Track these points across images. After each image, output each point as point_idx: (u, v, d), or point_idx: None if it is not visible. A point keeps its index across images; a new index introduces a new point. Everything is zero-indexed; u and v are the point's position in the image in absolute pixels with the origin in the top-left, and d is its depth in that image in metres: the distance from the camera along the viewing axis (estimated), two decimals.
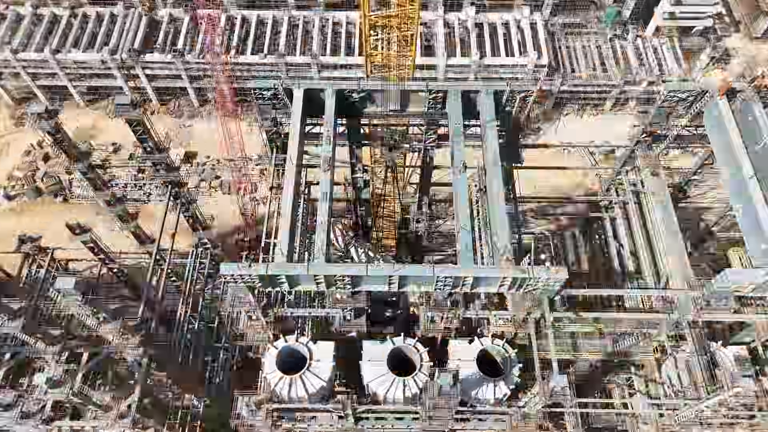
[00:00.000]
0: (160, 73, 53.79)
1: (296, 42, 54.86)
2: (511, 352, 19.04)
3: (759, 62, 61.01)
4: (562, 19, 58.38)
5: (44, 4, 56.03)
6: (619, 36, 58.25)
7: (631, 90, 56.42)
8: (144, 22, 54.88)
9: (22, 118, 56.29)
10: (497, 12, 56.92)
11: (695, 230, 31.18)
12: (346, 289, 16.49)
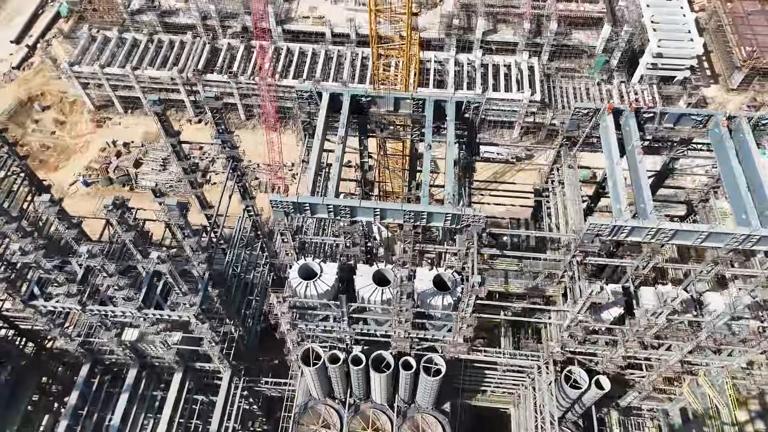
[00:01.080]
0: (216, 91, 64.93)
1: (330, 71, 65.70)
2: (456, 277, 27.78)
3: (730, 109, 69.51)
4: (557, 64, 68.16)
5: (127, 30, 68.32)
6: (605, 81, 67.69)
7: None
8: (207, 48, 66.51)
9: (101, 121, 67.95)
10: (501, 55, 67.09)
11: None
12: (347, 218, 25.55)
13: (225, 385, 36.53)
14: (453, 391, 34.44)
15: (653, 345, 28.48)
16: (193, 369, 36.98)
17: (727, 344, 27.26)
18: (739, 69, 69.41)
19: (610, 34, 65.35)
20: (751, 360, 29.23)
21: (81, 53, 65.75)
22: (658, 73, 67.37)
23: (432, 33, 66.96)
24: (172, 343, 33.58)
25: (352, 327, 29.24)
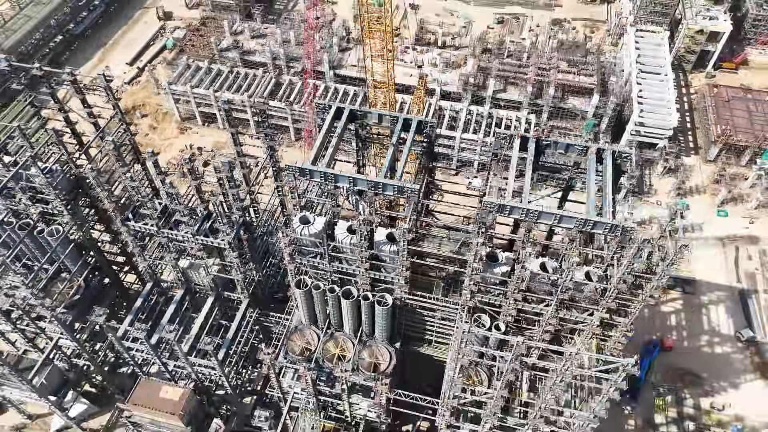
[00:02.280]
0: (275, 114, 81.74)
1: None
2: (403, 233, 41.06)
3: (704, 177, 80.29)
4: (553, 122, 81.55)
5: (214, 62, 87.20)
6: (592, 140, 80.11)
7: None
8: (272, 82, 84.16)
9: (184, 129, 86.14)
10: (507, 110, 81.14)
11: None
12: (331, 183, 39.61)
13: (241, 311, 50.42)
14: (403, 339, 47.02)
15: (533, 299, 40.43)
16: (221, 297, 51.09)
17: (579, 300, 39.06)
18: (714, 144, 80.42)
19: (599, 103, 78.47)
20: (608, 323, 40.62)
21: (177, 77, 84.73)
22: (640, 139, 79.34)
23: (452, 88, 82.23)
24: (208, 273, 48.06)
25: (331, 264, 42.77)
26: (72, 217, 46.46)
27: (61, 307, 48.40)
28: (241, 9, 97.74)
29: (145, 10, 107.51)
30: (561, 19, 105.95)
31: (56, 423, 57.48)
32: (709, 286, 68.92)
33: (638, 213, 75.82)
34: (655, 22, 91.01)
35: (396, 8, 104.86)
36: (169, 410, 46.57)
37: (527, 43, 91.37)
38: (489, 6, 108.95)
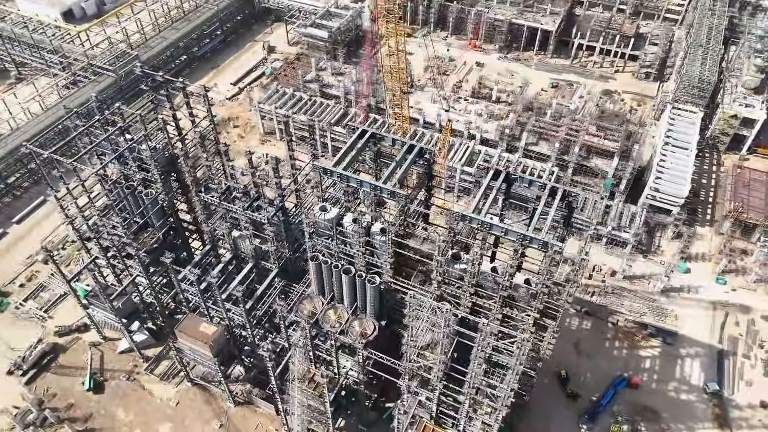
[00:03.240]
0: (337, 138, 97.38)
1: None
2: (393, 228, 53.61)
3: (713, 247, 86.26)
4: (577, 177, 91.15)
5: (298, 90, 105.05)
6: (610, 198, 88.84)
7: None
8: (341, 112, 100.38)
9: (264, 141, 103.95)
10: (535, 161, 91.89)
11: None
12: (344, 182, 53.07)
13: (270, 278, 64.37)
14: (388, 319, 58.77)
15: (483, 295, 51.27)
16: (258, 265, 65.39)
17: (518, 300, 49.60)
18: (725, 217, 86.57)
19: (620, 165, 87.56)
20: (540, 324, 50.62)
21: (267, 98, 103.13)
22: (654, 203, 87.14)
23: (491, 135, 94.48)
24: (252, 243, 62.72)
25: (338, 246, 55.94)
26: (163, 185, 63.07)
27: (143, 251, 64.74)
28: (329, 50, 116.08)
29: (254, 42, 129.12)
30: (612, 91, 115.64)
31: (122, 345, 73.67)
32: (690, 341, 74.99)
33: (637, 267, 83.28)
34: (693, 103, 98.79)
35: (464, 64, 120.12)
36: (203, 340, 60.91)
37: (572, 107, 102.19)
38: (548, 71, 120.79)
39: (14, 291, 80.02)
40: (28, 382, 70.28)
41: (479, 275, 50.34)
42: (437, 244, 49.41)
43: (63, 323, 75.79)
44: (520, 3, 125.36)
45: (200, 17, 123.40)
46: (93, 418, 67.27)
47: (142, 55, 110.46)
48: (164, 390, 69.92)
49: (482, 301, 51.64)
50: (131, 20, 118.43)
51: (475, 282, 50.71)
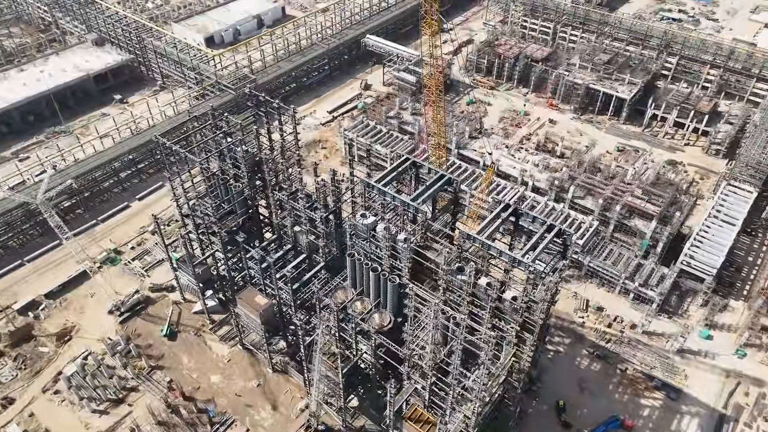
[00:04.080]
0: None
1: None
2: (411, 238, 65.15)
3: (741, 321, 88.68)
4: (617, 234, 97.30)
5: (381, 123, 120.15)
6: (644, 257, 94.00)
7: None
8: (412, 146, 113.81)
9: (344, 163, 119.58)
10: (579, 213, 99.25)
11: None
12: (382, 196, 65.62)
13: (317, 269, 77.63)
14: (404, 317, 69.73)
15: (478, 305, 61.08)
16: (310, 257, 79.12)
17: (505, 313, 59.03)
18: (759, 294, 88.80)
19: (658, 228, 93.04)
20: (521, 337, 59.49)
21: (353, 127, 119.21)
22: (688, 269, 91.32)
23: (542, 185, 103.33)
24: (307, 237, 76.76)
25: (371, 248, 68.27)
26: (248, 182, 79.18)
27: (224, 231, 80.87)
28: (414, 92, 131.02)
29: (355, 79, 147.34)
30: (678, 162, 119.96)
31: (196, 307, 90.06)
32: (694, 401, 78.48)
33: (659, 325, 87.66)
34: (749, 182, 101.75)
35: (538, 119, 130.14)
36: (255, 308, 75.25)
37: (630, 171, 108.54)
38: (618, 136, 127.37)
39: (126, 251, 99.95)
40: (122, 321, 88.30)
41: (475, 287, 60.43)
42: (443, 256, 60.45)
43: (156, 282, 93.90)
44: (600, 70, 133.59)
45: (313, 53, 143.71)
46: (163, 358, 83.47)
47: (259, 79, 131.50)
48: (221, 348, 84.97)
49: (477, 309, 61.49)
50: (257, 50, 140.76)
51: (472, 292, 60.81)
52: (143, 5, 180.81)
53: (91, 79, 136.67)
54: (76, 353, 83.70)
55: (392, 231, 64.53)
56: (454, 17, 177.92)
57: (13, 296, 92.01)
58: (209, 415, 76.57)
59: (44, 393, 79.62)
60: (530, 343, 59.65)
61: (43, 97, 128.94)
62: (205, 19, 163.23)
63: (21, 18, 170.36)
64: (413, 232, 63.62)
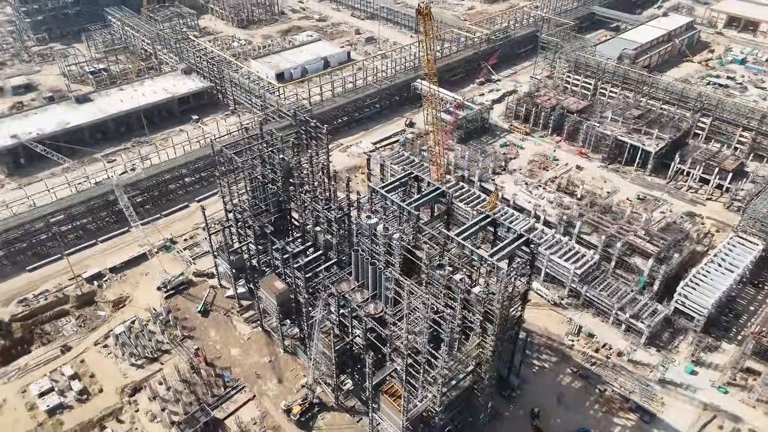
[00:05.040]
0: None
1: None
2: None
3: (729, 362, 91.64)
4: (618, 270, 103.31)
5: (413, 154, 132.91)
6: (640, 293, 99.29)
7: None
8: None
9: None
10: (583, 247, 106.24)
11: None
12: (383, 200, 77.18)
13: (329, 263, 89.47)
14: None
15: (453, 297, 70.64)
16: (325, 254, 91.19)
17: (472, 304, 68.37)
18: (748, 337, 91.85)
19: (654, 267, 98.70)
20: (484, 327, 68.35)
21: (390, 155, 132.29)
22: (682, 308, 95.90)
23: (553, 219, 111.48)
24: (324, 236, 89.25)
25: (372, 246, 79.64)
26: (282, 185, 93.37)
27: (257, 225, 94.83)
28: (450, 130, 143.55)
29: (401, 117, 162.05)
30: (696, 214, 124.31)
31: (229, 292, 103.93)
32: (667, 426, 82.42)
33: (646, 356, 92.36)
34: (757, 236, 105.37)
35: (566, 165, 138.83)
36: (273, 291, 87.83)
37: (644, 217, 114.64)
38: (641, 186, 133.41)
39: (179, 242, 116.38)
40: (167, 297, 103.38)
41: (449, 281, 70.25)
42: (425, 253, 71.14)
43: (200, 269, 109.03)
44: (630, 124, 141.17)
45: (366, 92, 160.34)
46: (195, 330, 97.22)
47: (315, 110, 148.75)
48: (243, 328, 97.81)
49: (451, 302, 71.08)
50: (318, 86, 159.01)
51: (447, 285, 70.61)
52: (230, 44, 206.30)
53: (175, 101, 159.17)
54: (125, 318, 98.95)
55: (389, 231, 75.94)
56: (504, 70, 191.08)
57: (84, 267, 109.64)
58: (224, 380, 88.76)
59: (95, 346, 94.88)
60: (491, 333, 68.30)
61: (134, 113, 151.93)
62: (279, 59, 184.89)
63: (128, 48, 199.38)
64: (404, 231, 74.79)
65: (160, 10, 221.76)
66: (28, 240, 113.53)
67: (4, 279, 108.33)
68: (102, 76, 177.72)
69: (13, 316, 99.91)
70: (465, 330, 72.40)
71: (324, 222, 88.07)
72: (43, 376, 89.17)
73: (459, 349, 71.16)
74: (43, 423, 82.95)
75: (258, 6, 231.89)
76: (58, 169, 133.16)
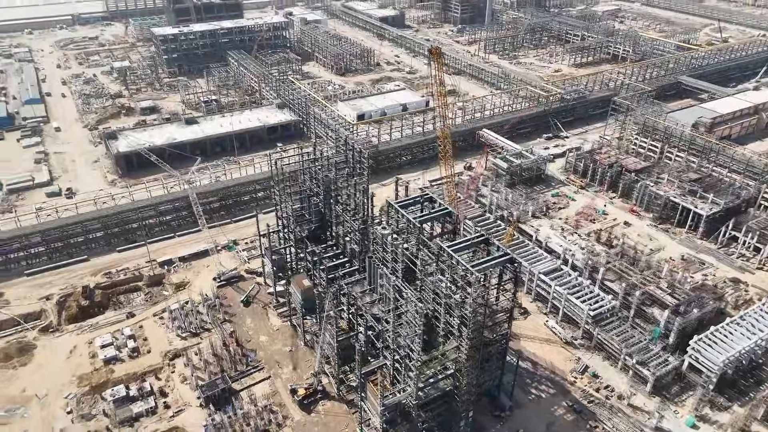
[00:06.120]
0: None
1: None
2: None
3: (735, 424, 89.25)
4: (636, 318, 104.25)
5: (461, 192, 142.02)
6: (654, 344, 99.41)
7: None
8: (482, 210, 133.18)
9: None
10: (604, 293, 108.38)
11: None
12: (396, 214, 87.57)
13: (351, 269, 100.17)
14: None
15: (439, 302, 78.60)
16: (350, 261, 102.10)
17: (453, 308, 76.02)
18: (761, 401, 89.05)
19: (669, 318, 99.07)
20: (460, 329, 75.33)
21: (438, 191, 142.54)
22: (694, 363, 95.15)
23: (579, 263, 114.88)
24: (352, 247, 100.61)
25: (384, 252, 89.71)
26: (324, 196, 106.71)
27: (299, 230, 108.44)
28: (501, 175, 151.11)
29: (463, 161, 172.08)
30: (741, 281, 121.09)
31: (270, 290, 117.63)
32: None
33: (646, 402, 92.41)
34: None
35: (614, 219, 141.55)
36: (300, 286, 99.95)
37: (678, 276, 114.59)
38: (689, 248, 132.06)
39: (240, 244, 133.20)
40: (219, 287, 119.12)
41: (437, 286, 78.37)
42: (420, 260, 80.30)
43: (252, 267, 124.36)
44: (686, 186, 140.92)
45: (430, 135, 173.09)
46: (235, 316, 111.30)
47: (381, 147, 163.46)
48: (275, 321, 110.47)
49: (439, 306, 79.00)
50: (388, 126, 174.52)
51: (434, 290, 78.78)
52: (325, 87, 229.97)
53: (265, 129, 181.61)
54: (182, 299, 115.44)
55: (397, 241, 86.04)
56: (576, 128, 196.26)
57: (160, 254, 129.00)
58: (248, 359, 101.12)
59: (154, 316, 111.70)
60: (466, 336, 74.99)
61: (228, 136, 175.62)
62: (363, 102, 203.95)
63: (238, 83, 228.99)
64: (408, 241, 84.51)
65: (272, 54, 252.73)
66: (122, 227, 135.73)
67: (98, 255, 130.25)
68: (212, 105, 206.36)
69: (98, 285, 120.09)
70: (449, 334, 79.59)
71: (351, 233, 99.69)
72: (107, 333, 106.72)
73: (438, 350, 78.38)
74: (99, 369, 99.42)
75: (357, 57, 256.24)
76: (161, 174, 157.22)
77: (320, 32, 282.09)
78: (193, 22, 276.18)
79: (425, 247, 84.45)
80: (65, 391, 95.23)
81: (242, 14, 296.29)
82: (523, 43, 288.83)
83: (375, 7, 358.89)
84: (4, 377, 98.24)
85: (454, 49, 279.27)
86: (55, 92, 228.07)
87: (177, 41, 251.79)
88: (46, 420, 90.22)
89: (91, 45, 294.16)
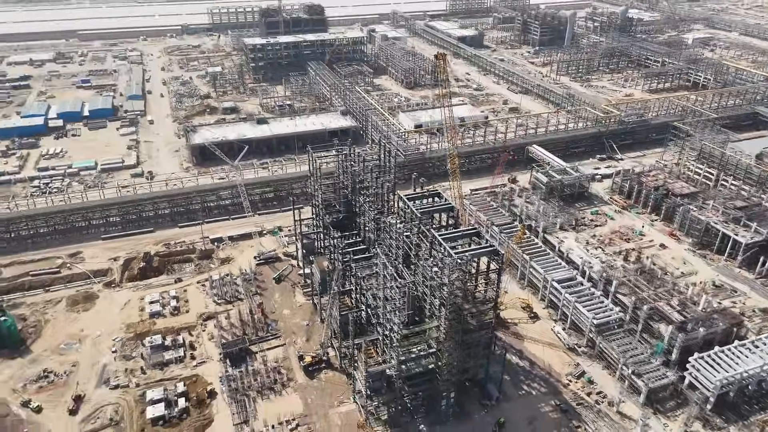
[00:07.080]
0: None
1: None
2: None
3: None
4: (644, 333, 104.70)
5: (495, 201, 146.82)
6: (654, 359, 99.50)
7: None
8: (511, 218, 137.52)
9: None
10: (617, 306, 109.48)
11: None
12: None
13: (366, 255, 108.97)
14: None
15: (430, 285, 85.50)
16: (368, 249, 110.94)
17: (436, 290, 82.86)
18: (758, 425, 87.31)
19: (673, 333, 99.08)
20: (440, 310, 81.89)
21: (475, 199, 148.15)
22: (693, 381, 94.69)
23: (595, 275, 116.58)
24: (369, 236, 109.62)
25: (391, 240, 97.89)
26: (351, 190, 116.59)
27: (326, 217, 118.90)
28: (540, 191, 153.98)
29: (509, 174, 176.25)
30: None
31: (300, 271, 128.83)
32: None
33: (633, 411, 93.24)
34: None
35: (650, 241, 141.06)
36: (319, 266, 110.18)
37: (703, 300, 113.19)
38: (725, 275, 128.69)
39: (284, 230, 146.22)
40: (257, 264, 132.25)
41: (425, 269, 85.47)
42: (415, 246, 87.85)
43: (289, 251, 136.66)
44: (730, 213, 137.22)
45: (478, 147, 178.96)
46: (266, 291, 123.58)
47: (428, 154, 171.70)
48: (300, 298, 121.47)
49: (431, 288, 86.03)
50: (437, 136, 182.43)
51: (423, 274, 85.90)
52: (392, 99, 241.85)
53: (326, 132, 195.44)
54: (223, 272, 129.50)
55: (401, 229, 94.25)
56: (634, 151, 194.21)
57: (213, 232, 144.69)
58: (269, 328, 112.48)
59: (197, 284, 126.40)
60: (444, 316, 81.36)
61: (291, 136, 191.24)
62: (422, 113, 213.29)
63: (312, 91, 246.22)
64: (410, 229, 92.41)
65: (347, 66, 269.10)
66: (186, 206, 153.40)
67: (162, 228, 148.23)
68: (286, 109, 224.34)
69: (157, 252, 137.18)
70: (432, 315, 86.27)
71: (370, 222, 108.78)
72: (156, 293, 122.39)
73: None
74: (144, 320, 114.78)
75: (427, 72, 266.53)
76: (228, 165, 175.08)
77: (396, 48, 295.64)
78: (281, 34, 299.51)
79: (423, 235, 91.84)
80: (114, 335, 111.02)
81: (327, 29, 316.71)
82: (599, 67, 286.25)
83: (456, 27, 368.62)
84: (69, 318, 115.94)
85: (526, 70, 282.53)
86: (155, 91, 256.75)
87: (264, 50, 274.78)
88: (95, 356, 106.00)
89: (193, 52, 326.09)
